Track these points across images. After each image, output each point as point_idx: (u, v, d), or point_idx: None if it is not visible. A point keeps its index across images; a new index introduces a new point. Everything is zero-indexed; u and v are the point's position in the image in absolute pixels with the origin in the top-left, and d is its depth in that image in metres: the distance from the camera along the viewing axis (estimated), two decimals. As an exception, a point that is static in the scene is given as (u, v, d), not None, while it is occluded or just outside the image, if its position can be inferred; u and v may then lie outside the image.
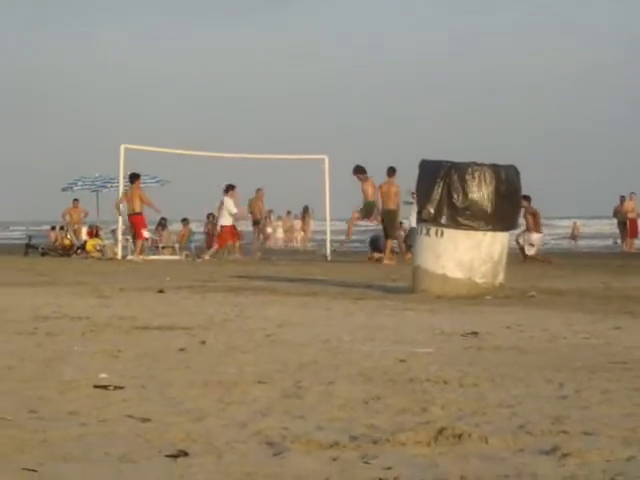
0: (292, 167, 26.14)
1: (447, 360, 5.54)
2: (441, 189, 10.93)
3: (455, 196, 10.89)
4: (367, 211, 23.71)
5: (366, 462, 3.21)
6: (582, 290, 11.91)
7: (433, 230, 11.03)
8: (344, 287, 12.33)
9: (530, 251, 22.33)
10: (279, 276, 15.22)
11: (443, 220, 10.94)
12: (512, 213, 11.33)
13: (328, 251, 25.40)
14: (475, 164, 11.05)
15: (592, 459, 3.24)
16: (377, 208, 22.93)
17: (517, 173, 11.34)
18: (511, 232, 12.03)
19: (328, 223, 26.83)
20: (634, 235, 31.34)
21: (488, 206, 10.90)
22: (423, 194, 11.24)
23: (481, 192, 10.89)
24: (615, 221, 33.16)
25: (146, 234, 23.89)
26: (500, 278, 11.10)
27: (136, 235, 23.79)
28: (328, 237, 26.27)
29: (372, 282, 13.35)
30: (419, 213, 11.36)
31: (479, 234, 10.95)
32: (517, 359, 5.63)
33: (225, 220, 24.62)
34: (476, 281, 10.91)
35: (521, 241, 22.27)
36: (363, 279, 14.24)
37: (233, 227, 24.76)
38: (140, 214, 23.67)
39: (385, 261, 22.11)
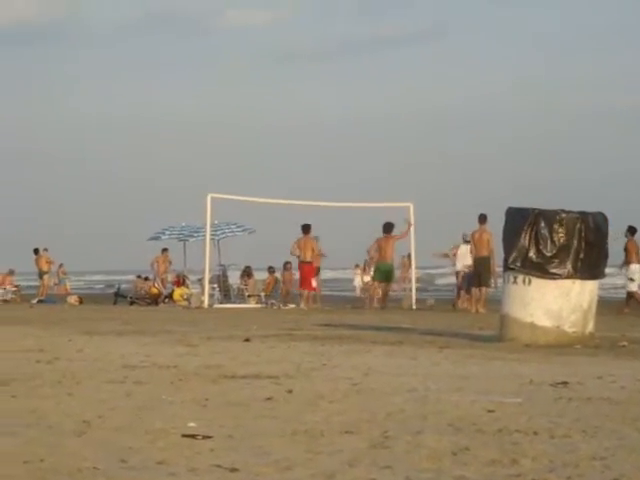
0: (377, 215, 26.23)
1: (537, 411, 5.45)
2: (528, 237, 10.84)
3: (542, 244, 10.79)
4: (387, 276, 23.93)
5: (456, 515, 3.16)
6: (674, 339, 11.66)
7: (520, 278, 10.92)
8: (430, 335, 12.25)
9: (631, 287, 21.64)
10: (364, 324, 15.19)
11: (530, 268, 10.84)
12: (601, 261, 11.17)
13: (413, 299, 25.32)
14: (563, 211, 10.94)
15: (689, 514, 3.15)
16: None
17: (605, 220, 11.20)
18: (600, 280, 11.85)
19: (414, 271, 26.80)
20: None
21: (576, 254, 10.77)
22: (510, 242, 11.15)
23: (569, 240, 10.77)
24: None
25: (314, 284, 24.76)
26: (590, 327, 10.93)
27: (303, 284, 24.79)
28: (414, 285, 26.22)
29: (458, 330, 13.24)
30: (506, 261, 11.27)
31: (568, 282, 10.81)
32: (609, 410, 5.52)
33: (461, 266, 24.82)
34: (565, 330, 10.76)
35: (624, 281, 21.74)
36: (449, 327, 14.13)
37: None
38: (311, 263, 24.74)
39: (480, 310, 21.92)
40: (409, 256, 26.99)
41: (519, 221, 11.01)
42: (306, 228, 24.90)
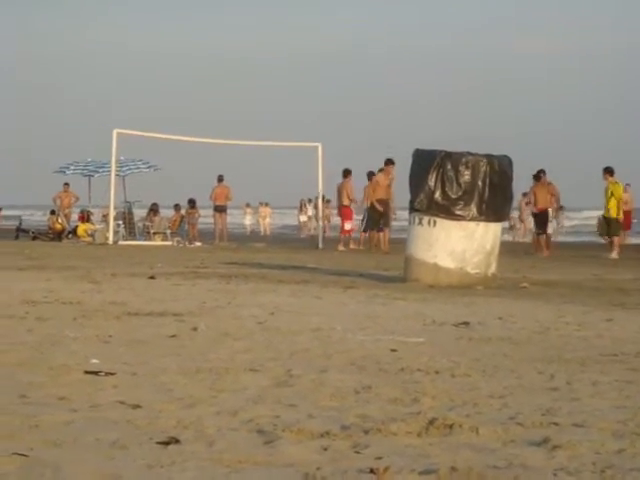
0: (286, 154, 26.29)
1: (438, 350, 5.54)
2: (434, 179, 10.92)
3: (448, 186, 10.89)
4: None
5: (357, 452, 3.21)
6: (574, 282, 11.93)
7: (426, 219, 11.02)
8: (336, 275, 12.33)
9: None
10: (271, 263, 15.21)
11: (436, 210, 10.94)
12: (505, 204, 11.32)
13: (320, 239, 25.42)
14: (469, 154, 11.04)
15: (582, 451, 3.24)
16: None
17: (510, 163, 11.33)
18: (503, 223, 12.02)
19: (320, 211, 26.89)
20: (626, 228, 31.17)
21: (481, 196, 10.89)
22: (416, 183, 11.23)
23: (474, 182, 10.88)
24: None
25: (348, 226, 24.36)
26: (492, 269, 11.10)
27: (342, 227, 24.48)
28: (320, 225, 26.31)
29: (364, 271, 13.35)
30: (412, 202, 11.36)
31: (472, 224, 10.95)
32: (508, 350, 5.64)
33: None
34: (468, 271, 10.91)
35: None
36: (355, 268, 14.24)
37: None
38: (348, 207, 24.46)
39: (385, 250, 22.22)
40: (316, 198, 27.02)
41: (426, 162, 11.08)
42: (345, 172, 24.61)
